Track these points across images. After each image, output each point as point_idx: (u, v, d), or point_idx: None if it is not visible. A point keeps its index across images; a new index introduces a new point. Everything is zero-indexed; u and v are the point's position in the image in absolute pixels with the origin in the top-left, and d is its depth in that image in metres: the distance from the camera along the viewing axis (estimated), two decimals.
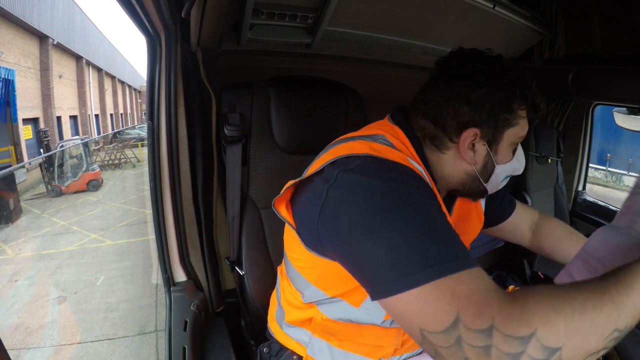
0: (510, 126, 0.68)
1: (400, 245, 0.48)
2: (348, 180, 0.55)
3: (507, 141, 0.70)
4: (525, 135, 0.72)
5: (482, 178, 0.71)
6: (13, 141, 9.28)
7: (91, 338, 3.39)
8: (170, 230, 1.04)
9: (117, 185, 9.64)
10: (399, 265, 0.47)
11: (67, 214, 7.15)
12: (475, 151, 0.68)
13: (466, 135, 0.67)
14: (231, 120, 1.01)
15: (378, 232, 0.50)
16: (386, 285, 0.47)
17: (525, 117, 0.70)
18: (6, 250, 5.46)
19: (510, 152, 0.72)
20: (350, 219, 0.53)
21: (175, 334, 0.94)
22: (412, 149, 0.68)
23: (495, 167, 0.71)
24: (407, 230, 0.49)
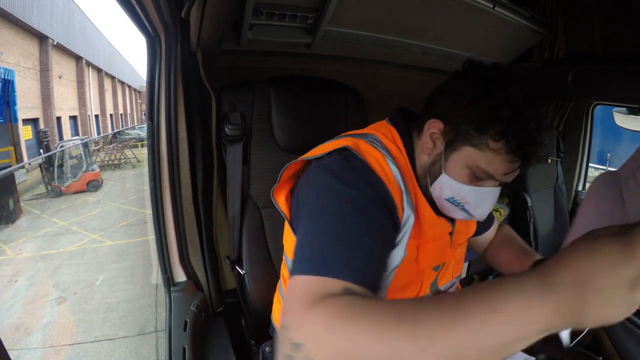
0: (470, 144, 0.62)
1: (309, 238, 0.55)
2: (314, 175, 0.63)
3: (464, 159, 0.64)
4: (493, 175, 0.63)
5: (430, 178, 0.69)
6: (13, 141, 9.27)
7: (91, 338, 3.39)
8: (170, 230, 1.04)
9: (117, 186, 9.64)
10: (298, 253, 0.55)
11: (67, 214, 7.15)
12: (435, 145, 0.67)
13: (431, 124, 0.67)
14: (232, 119, 1.01)
15: (309, 221, 0.58)
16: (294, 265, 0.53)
17: (495, 152, 0.61)
18: (6, 250, 5.46)
19: (464, 174, 0.65)
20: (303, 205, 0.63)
21: (175, 334, 0.94)
22: (403, 148, 0.70)
23: (442, 173, 0.66)
24: (320, 230, 0.55)
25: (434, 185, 0.68)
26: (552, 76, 1.80)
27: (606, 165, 8.38)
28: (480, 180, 0.65)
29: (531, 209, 1.91)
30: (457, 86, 0.65)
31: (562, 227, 2.05)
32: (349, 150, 0.62)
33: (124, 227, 6.26)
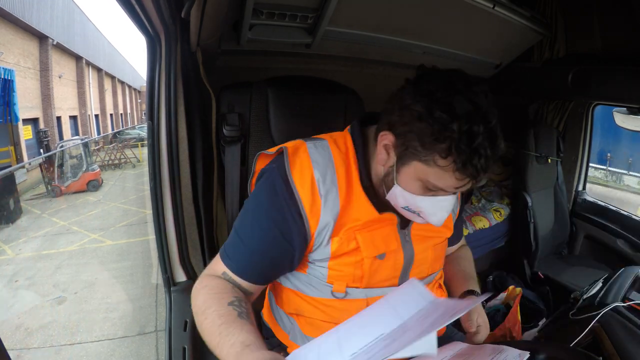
0: (419, 160, 0.63)
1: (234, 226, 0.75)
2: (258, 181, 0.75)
3: (414, 172, 0.65)
4: (444, 189, 0.65)
5: (385, 187, 0.71)
6: (13, 141, 9.27)
7: (91, 338, 3.39)
8: (170, 230, 1.04)
9: (117, 186, 9.64)
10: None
11: (67, 214, 7.15)
12: (388, 156, 0.69)
13: (383, 136, 0.68)
14: (230, 120, 1.01)
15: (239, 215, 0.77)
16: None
17: (443, 169, 0.62)
18: (6, 250, 5.46)
19: (416, 186, 0.66)
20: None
21: (175, 334, 0.94)
22: (352, 150, 0.75)
23: (394, 184, 0.68)
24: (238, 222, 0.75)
25: (389, 195, 0.71)
26: (552, 76, 1.80)
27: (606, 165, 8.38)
28: (431, 191, 0.67)
29: (531, 209, 1.91)
30: (405, 98, 0.64)
31: (562, 227, 2.05)
32: (281, 156, 0.73)
33: (124, 226, 6.26)
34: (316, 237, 0.71)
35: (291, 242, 0.71)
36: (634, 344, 0.86)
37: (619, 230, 1.82)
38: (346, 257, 0.73)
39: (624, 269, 1.16)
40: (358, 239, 0.72)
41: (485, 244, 1.98)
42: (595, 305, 1.02)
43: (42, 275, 4.62)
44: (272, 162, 0.74)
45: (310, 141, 0.75)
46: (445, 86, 0.61)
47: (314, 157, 0.71)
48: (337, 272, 0.74)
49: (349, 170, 0.73)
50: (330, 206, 0.70)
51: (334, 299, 0.75)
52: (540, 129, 1.92)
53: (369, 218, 0.73)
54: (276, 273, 0.77)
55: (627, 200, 7.09)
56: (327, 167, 0.71)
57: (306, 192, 0.69)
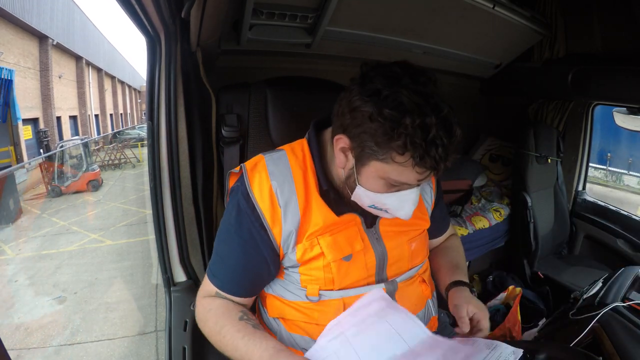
0: (377, 159, 0.63)
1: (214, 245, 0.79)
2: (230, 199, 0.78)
3: (375, 172, 0.65)
4: (408, 183, 0.65)
5: (349, 188, 0.72)
6: (13, 141, 9.27)
7: (91, 338, 3.39)
8: (170, 230, 1.04)
9: (117, 186, 9.64)
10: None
11: (67, 214, 7.14)
12: (347, 159, 0.69)
13: (337, 140, 0.68)
14: (228, 121, 1.01)
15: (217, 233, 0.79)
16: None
17: (403, 165, 0.62)
18: (6, 250, 5.46)
19: (379, 184, 0.67)
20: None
21: (175, 334, 0.94)
22: (309, 157, 0.76)
23: (357, 185, 0.69)
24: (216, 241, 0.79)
25: (354, 196, 0.72)
26: (552, 76, 1.80)
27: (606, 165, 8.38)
28: (396, 187, 0.67)
29: (531, 209, 1.91)
30: (354, 100, 0.63)
31: (562, 227, 2.05)
32: (243, 173, 0.75)
33: (124, 226, 6.26)
34: (283, 246, 0.74)
35: (262, 254, 0.74)
36: (634, 344, 0.86)
37: (619, 230, 1.82)
38: (314, 261, 0.74)
39: (624, 269, 1.16)
40: (321, 243, 0.73)
41: (485, 244, 1.98)
42: (595, 305, 1.02)
43: (42, 275, 4.62)
44: (237, 180, 0.77)
45: (268, 154, 0.78)
46: (390, 82, 0.61)
47: (270, 169, 0.74)
48: (308, 276, 0.75)
49: (306, 177, 0.75)
50: (291, 215, 0.72)
51: (309, 302, 0.76)
52: (540, 129, 1.92)
53: (329, 221, 0.73)
54: (260, 284, 0.80)
55: (627, 200, 7.09)
56: (285, 178, 0.73)
57: (266, 205, 0.72)
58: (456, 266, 0.92)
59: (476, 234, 1.93)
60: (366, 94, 0.62)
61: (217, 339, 0.72)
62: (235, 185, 0.77)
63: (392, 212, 0.71)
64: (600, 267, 1.82)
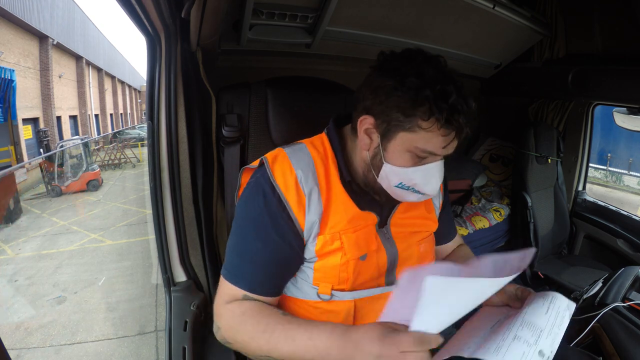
0: (404, 130, 0.66)
1: (229, 246, 0.76)
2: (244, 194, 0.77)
3: (401, 144, 0.68)
4: (434, 152, 0.67)
5: (374, 171, 0.73)
6: (13, 141, 9.27)
7: (91, 338, 3.39)
8: (170, 230, 1.04)
9: (117, 185, 9.64)
10: (225, 259, 0.76)
11: (67, 213, 7.15)
12: (371, 140, 0.72)
13: (362, 121, 0.71)
14: (229, 121, 1.01)
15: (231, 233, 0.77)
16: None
17: (428, 130, 0.65)
18: (6, 250, 5.46)
19: (405, 158, 0.69)
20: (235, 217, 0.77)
21: (175, 334, 0.94)
22: (330, 149, 0.77)
23: (384, 163, 0.70)
24: (232, 241, 0.76)
25: (380, 176, 0.72)
26: (552, 76, 1.80)
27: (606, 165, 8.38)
28: (423, 159, 0.69)
29: (531, 209, 1.91)
30: (374, 81, 0.69)
31: (562, 227, 2.05)
32: (264, 164, 0.74)
33: (124, 226, 6.26)
34: (305, 235, 0.73)
35: (290, 243, 0.72)
36: (634, 344, 0.86)
37: (619, 230, 1.82)
38: (331, 257, 0.74)
39: (624, 269, 1.16)
40: (343, 239, 0.73)
41: (485, 244, 1.98)
42: (595, 305, 1.02)
43: (42, 275, 4.62)
44: (254, 174, 0.76)
45: (288, 147, 0.78)
46: (408, 60, 0.67)
47: (293, 160, 0.74)
48: (322, 274, 0.75)
49: (327, 170, 0.75)
50: (314, 205, 0.72)
51: (320, 301, 0.76)
52: (541, 129, 1.92)
53: (351, 215, 0.74)
54: (289, 278, 0.77)
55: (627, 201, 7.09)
56: (308, 169, 0.73)
57: (291, 194, 0.71)
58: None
59: (476, 234, 1.93)
60: (386, 73, 0.67)
61: (263, 339, 0.66)
62: (254, 179, 0.75)
63: (420, 187, 0.71)
64: (600, 267, 1.82)
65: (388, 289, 0.78)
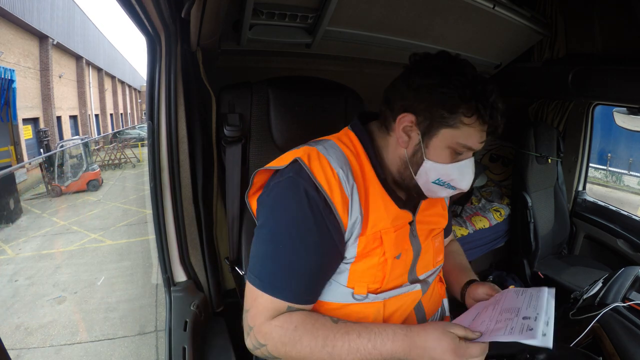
0: (447, 126, 0.68)
1: (260, 254, 0.71)
2: (271, 195, 0.72)
3: (443, 141, 0.70)
4: (472, 147, 0.71)
5: (412, 168, 0.73)
6: (13, 141, 9.27)
7: (91, 338, 3.39)
8: (170, 230, 1.04)
9: (117, 185, 9.64)
10: (253, 265, 0.71)
11: (67, 213, 7.15)
12: (410, 137, 0.72)
13: (402, 119, 0.71)
14: (230, 120, 1.01)
15: (259, 239, 0.72)
16: (248, 272, 0.72)
17: (470, 126, 0.68)
18: (6, 250, 5.46)
19: (445, 154, 0.71)
20: (260, 222, 0.73)
21: (175, 334, 0.94)
22: (360, 146, 0.76)
23: (424, 160, 0.71)
24: (267, 249, 0.70)
25: (419, 173, 0.73)
26: (552, 76, 1.80)
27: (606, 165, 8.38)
28: (459, 155, 0.72)
29: (531, 209, 1.91)
30: (416, 79, 0.70)
31: (562, 227, 2.05)
32: (299, 164, 0.69)
33: (124, 226, 6.26)
34: (347, 237, 0.71)
35: (337, 246, 0.70)
36: (634, 344, 0.86)
37: (619, 230, 1.82)
38: (369, 258, 0.72)
39: (624, 269, 1.16)
40: (383, 238, 0.72)
41: (485, 244, 1.98)
42: (595, 305, 1.02)
43: (42, 275, 4.62)
44: (283, 173, 0.71)
45: (317, 144, 0.74)
46: (448, 60, 0.70)
47: (330, 159, 0.70)
48: (358, 274, 0.73)
49: (362, 167, 0.74)
50: (356, 204, 0.70)
51: (352, 303, 0.74)
52: (541, 129, 1.92)
53: (393, 214, 0.74)
54: (326, 283, 0.74)
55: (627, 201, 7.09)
56: (346, 167, 0.71)
57: (336, 194, 0.68)
58: (467, 268, 0.94)
59: (476, 234, 1.93)
60: (427, 72, 0.69)
61: (325, 352, 0.64)
62: (284, 178, 0.70)
63: (456, 182, 0.73)
64: (600, 267, 1.82)
65: (412, 287, 0.78)
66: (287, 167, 0.71)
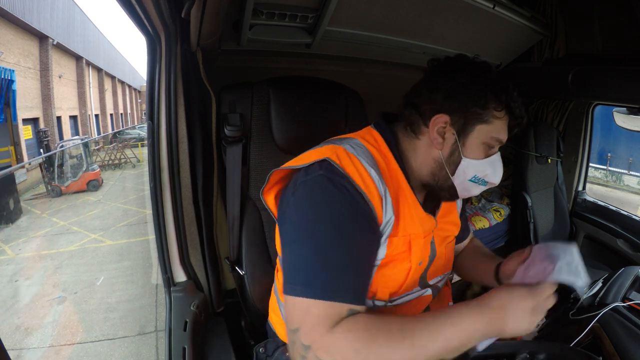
0: (482, 122, 0.71)
1: (302, 258, 0.62)
2: (300, 194, 0.66)
3: (478, 137, 0.72)
4: (502, 140, 0.74)
5: (449, 169, 0.73)
6: (13, 141, 9.27)
7: (91, 338, 3.39)
8: (170, 230, 1.04)
9: (117, 185, 9.64)
10: (295, 274, 0.63)
11: (67, 214, 7.15)
12: (444, 138, 0.72)
13: (436, 120, 0.71)
14: (231, 120, 1.01)
15: (296, 243, 0.64)
16: (287, 285, 0.62)
17: (501, 120, 0.72)
18: (6, 250, 5.46)
19: (481, 150, 0.73)
20: (290, 225, 0.66)
21: (175, 334, 0.94)
22: (386, 147, 0.74)
23: (462, 159, 0.72)
24: (310, 251, 0.62)
25: (457, 172, 0.73)
26: (552, 76, 1.79)
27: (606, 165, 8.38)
28: (492, 149, 0.74)
29: (531, 209, 1.91)
30: (443, 81, 0.72)
31: (562, 227, 2.05)
32: (329, 163, 0.65)
33: (124, 226, 6.26)
34: (382, 233, 0.69)
35: (378, 238, 0.68)
36: (634, 344, 0.86)
37: (619, 230, 1.82)
38: (396, 262, 0.71)
39: (624, 269, 1.16)
40: (412, 244, 0.72)
41: (485, 244, 1.96)
42: (595, 305, 1.02)
43: (42, 275, 4.63)
44: (312, 171, 0.65)
45: (342, 143, 0.71)
46: (469, 62, 0.73)
47: (360, 158, 0.67)
48: (382, 278, 0.70)
49: (389, 168, 0.72)
50: (389, 205, 0.68)
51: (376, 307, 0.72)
52: (541, 129, 1.92)
53: (424, 219, 0.74)
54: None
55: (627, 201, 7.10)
56: (376, 166, 0.69)
57: (372, 191, 0.65)
58: (494, 255, 0.94)
59: (476, 233, 1.93)
60: (454, 74, 0.71)
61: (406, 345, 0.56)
62: (313, 177, 0.64)
63: (489, 177, 0.75)
64: (600, 267, 1.82)
65: (423, 292, 0.78)
66: (312, 165, 0.66)
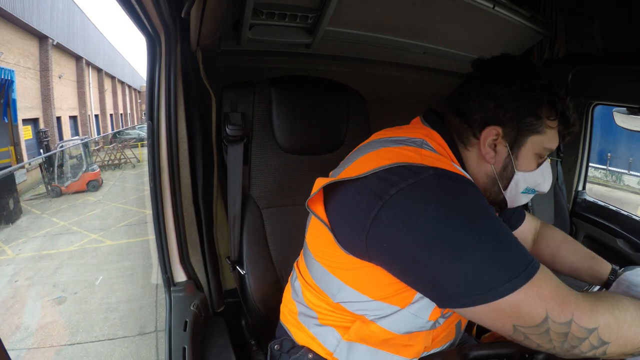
0: (535, 133, 0.66)
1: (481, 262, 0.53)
2: (412, 197, 0.56)
3: (531, 148, 0.68)
4: (554, 148, 0.70)
5: (501, 183, 0.69)
6: (13, 141, 9.27)
7: (91, 338, 3.39)
8: (170, 230, 1.04)
9: (117, 186, 9.64)
10: (485, 279, 0.52)
11: (67, 214, 7.15)
12: (496, 151, 0.68)
13: (488, 133, 0.67)
14: (233, 119, 1.01)
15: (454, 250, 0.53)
16: (474, 297, 0.52)
17: (554, 128, 0.67)
18: (6, 250, 5.46)
19: (533, 161, 0.69)
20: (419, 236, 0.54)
21: (175, 334, 0.94)
22: (450, 152, 0.69)
23: (515, 172, 0.68)
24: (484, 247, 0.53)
25: (510, 187, 0.70)
26: (552, 76, 1.79)
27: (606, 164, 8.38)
28: (542, 158, 0.71)
29: (531, 209, 1.90)
30: (495, 88, 0.66)
31: (562, 227, 2.05)
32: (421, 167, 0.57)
33: (124, 227, 6.26)
34: None
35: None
36: None
37: (619, 230, 1.82)
38: None
39: (624, 269, 1.15)
40: None
41: None
42: None
43: (42, 275, 4.63)
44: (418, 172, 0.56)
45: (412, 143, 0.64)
46: (519, 63, 0.69)
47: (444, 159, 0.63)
48: None
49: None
50: None
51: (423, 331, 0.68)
52: None
53: None
54: None
55: (627, 200, 7.10)
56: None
57: None
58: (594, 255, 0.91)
59: None
60: (506, 79, 0.66)
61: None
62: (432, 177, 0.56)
63: (540, 187, 0.72)
64: None
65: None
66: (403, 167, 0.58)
